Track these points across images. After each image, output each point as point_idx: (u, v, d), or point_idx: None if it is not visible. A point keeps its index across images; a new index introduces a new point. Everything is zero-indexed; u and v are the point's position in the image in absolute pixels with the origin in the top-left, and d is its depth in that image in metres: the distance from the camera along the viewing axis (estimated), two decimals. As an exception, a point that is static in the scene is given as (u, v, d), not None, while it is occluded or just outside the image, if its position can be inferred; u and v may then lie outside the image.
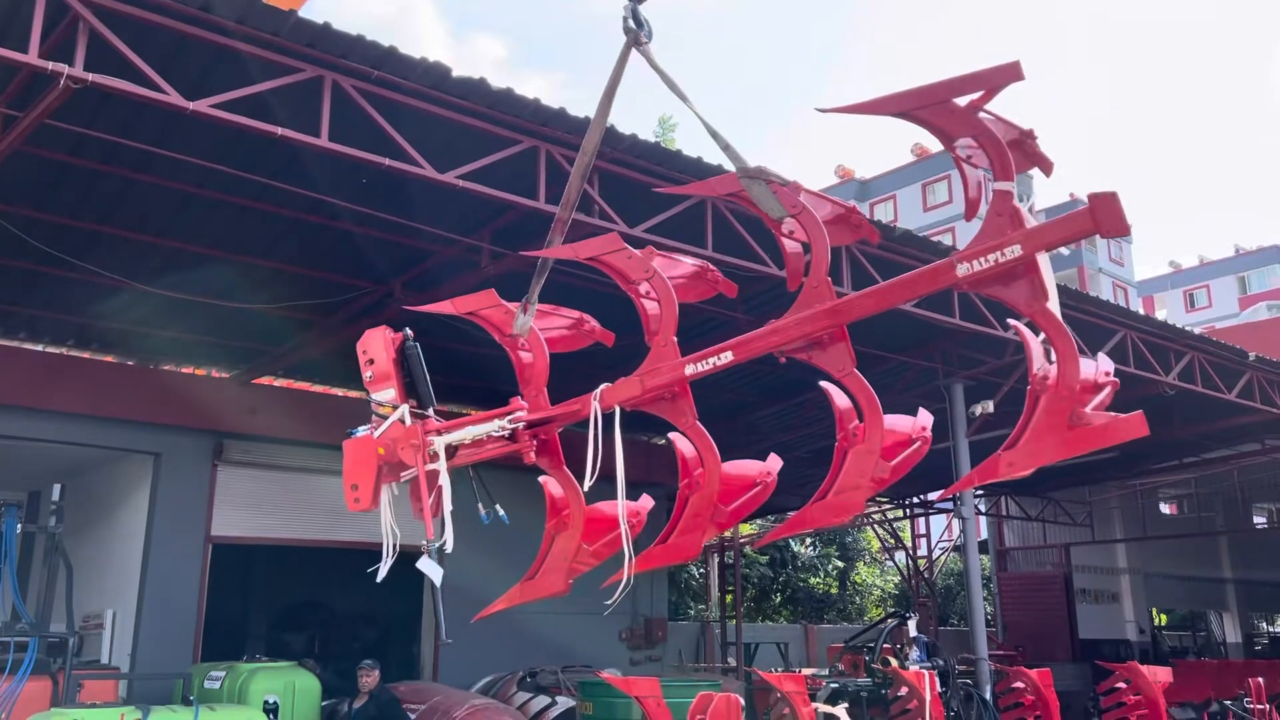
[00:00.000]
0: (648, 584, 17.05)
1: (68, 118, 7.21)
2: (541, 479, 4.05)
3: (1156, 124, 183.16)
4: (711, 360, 3.55)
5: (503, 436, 3.94)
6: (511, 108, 7.97)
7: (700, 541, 3.67)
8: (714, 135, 3.69)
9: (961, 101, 3.00)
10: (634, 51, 3.86)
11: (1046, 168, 3.21)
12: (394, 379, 4.09)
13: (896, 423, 3.48)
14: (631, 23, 3.81)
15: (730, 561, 24.99)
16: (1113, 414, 2.90)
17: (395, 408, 4.02)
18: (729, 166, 3.67)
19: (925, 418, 3.57)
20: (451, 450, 3.97)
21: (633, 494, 3.87)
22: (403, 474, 3.98)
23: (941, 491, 23.46)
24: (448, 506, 3.89)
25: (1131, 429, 2.81)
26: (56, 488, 9.56)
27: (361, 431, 4.04)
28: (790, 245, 3.58)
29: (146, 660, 11.95)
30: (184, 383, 13.99)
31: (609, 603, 3.80)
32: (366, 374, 4.15)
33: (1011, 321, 3.36)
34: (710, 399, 15.70)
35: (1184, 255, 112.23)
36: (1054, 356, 2.99)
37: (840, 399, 3.58)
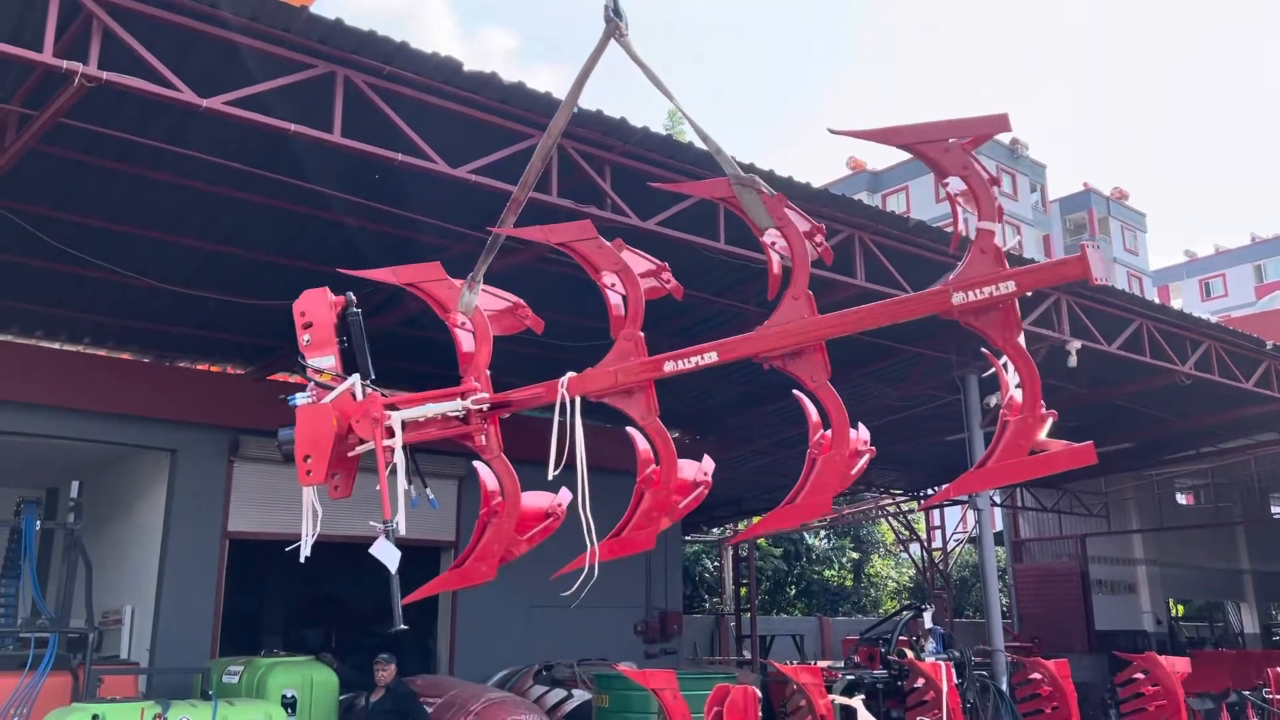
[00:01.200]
0: (662, 578, 17.05)
1: (82, 116, 7.24)
2: (476, 464, 3.90)
3: (1171, 111, 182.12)
4: (694, 360, 3.58)
5: (456, 417, 3.79)
6: (523, 102, 7.95)
7: (654, 535, 3.74)
8: (705, 138, 3.76)
9: (954, 142, 3.25)
10: (617, 44, 3.88)
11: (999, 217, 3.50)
12: (334, 346, 3.94)
13: None
14: (611, 13, 3.83)
15: (744, 555, 25.02)
16: (1066, 442, 3.23)
17: (336, 375, 3.85)
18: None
19: (864, 432, 3.71)
20: (402, 427, 3.82)
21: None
22: (356, 448, 3.80)
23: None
24: (403, 484, 3.72)
25: (1080, 458, 3.17)
26: (75, 485, 9.62)
27: (301, 399, 3.80)
28: (773, 255, 3.70)
29: (165, 655, 12.04)
30: (199, 379, 14.08)
31: (566, 594, 3.73)
32: (304, 338, 3.96)
33: (984, 350, 3.54)
34: (721, 392, 15.69)
35: (1199, 244, 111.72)
36: (1016, 382, 3.29)
37: (814, 408, 3.64)
